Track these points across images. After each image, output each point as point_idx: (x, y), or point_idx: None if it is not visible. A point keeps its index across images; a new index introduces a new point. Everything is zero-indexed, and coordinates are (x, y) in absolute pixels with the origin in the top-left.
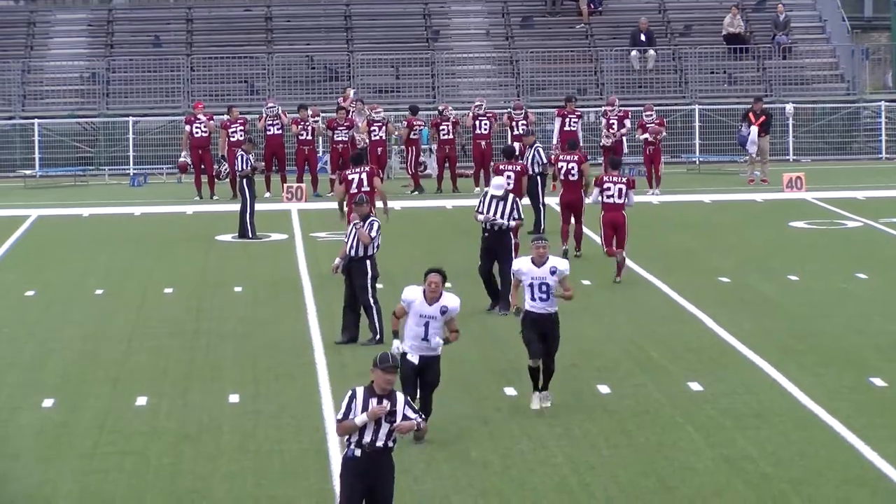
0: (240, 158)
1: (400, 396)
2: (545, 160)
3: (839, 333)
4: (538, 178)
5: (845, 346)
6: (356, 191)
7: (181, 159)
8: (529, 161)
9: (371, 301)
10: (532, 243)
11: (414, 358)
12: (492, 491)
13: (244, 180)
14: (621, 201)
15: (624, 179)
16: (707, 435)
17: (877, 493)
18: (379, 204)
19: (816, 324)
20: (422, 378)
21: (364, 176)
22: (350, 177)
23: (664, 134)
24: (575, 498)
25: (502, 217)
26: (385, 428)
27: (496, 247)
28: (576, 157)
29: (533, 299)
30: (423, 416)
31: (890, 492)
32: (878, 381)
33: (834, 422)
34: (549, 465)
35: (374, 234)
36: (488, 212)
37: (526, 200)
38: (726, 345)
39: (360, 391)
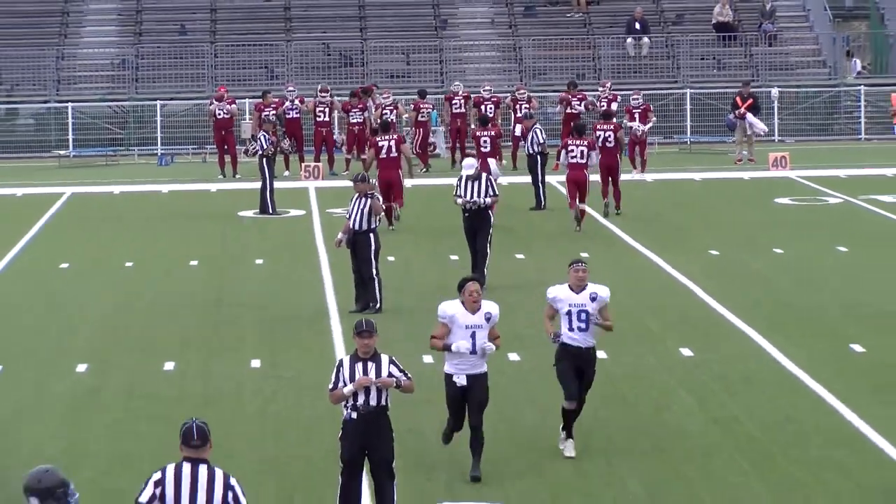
0: (261, 138)
1: (385, 357)
2: (543, 140)
3: (822, 304)
4: (538, 157)
5: (828, 315)
6: (385, 156)
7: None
8: (529, 141)
9: (374, 273)
10: (570, 267)
11: (461, 379)
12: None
13: (265, 159)
14: (584, 161)
15: (586, 142)
16: (699, 399)
17: (857, 451)
18: (405, 165)
19: (801, 295)
20: (470, 397)
21: (392, 143)
22: (380, 143)
23: (650, 124)
24: (576, 459)
25: (478, 196)
26: (374, 389)
27: (477, 224)
28: (612, 126)
29: (571, 329)
30: (408, 376)
31: (869, 451)
32: (858, 348)
33: (817, 387)
34: (549, 427)
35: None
36: (465, 194)
37: (528, 178)
38: (717, 315)
39: (346, 360)
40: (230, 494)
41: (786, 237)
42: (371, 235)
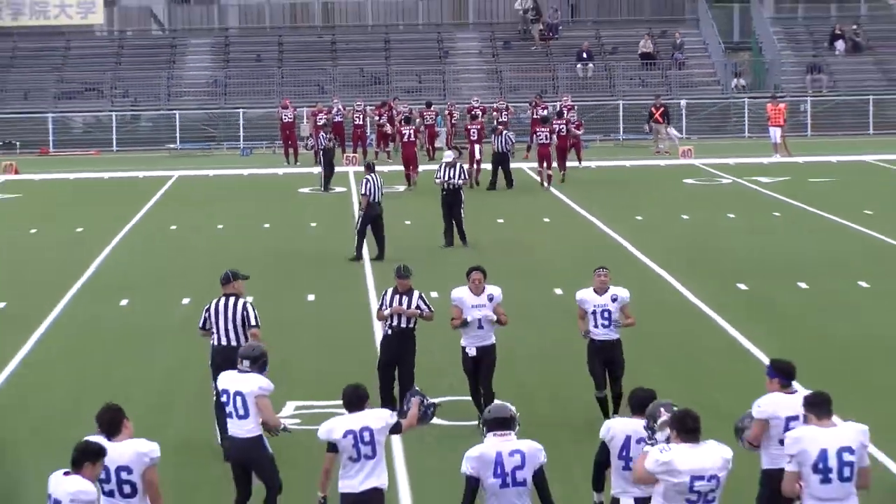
0: (321, 138)
1: (416, 293)
2: (513, 142)
3: (716, 252)
4: (507, 154)
5: (720, 261)
6: (407, 140)
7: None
8: (503, 143)
9: (382, 232)
10: (595, 272)
11: (472, 351)
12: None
13: (322, 151)
14: (546, 142)
15: (547, 129)
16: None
17: (740, 361)
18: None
19: (700, 246)
20: (480, 365)
21: (411, 132)
22: (403, 131)
23: (581, 131)
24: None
25: (454, 178)
26: (404, 316)
27: (452, 200)
28: (547, 128)
29: (596, 326)
30: (431, 308)
31: (751, 362)
32: (742, 286)
33: (712, 314)
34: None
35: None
36: (444, 176)
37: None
38: (638, 260)
39: (389, 291)
40: (243, 312)
41: (691, 207)
42: (379, 206)
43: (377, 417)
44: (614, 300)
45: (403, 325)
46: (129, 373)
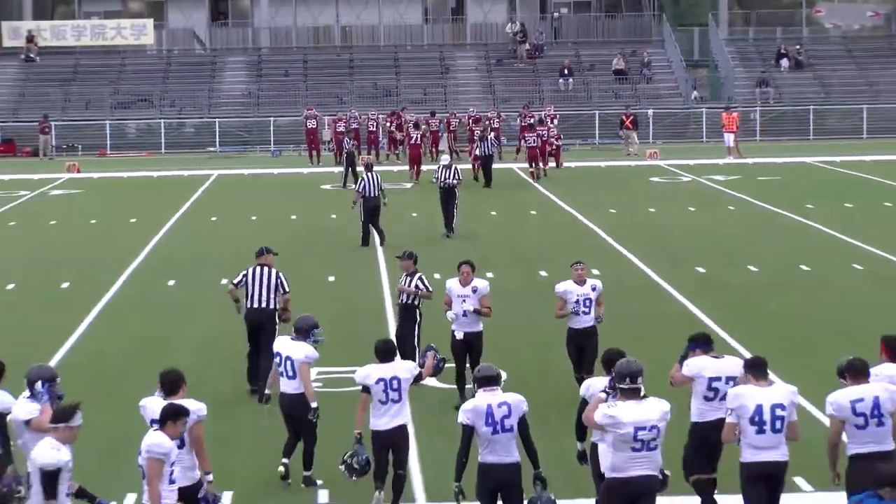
0: (346, 142)
1: (417, 274)
2: (498, 144)
3: (678, 240)
4: (491, 157)
5: (681, 247)
6: (414, 142)
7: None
8: (490, 145)
9: (377, 220)
10: (573, 266)
11: (460, 335)
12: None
13: (346, 154)
14: (535, 144)
15: (536, 133)
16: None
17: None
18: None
19: (664, 235)
20: (470, 351)
21: (418, 135)
22: (412, 134)
23: (561, 141)
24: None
25: (449, 179)
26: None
27: (447, 197)
28: (534, 133)
29: (577, 314)
30: (429, 289)
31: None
32: (700, 269)
33: (674, 291)
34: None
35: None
36: (441, 177)
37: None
38: (611, 247)
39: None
40: (277, 280)
41: (656, 202)
42: (381, 195)
43: (405, 369)
44: (594, 289)
45: (406, 301)
46: (174, 340)
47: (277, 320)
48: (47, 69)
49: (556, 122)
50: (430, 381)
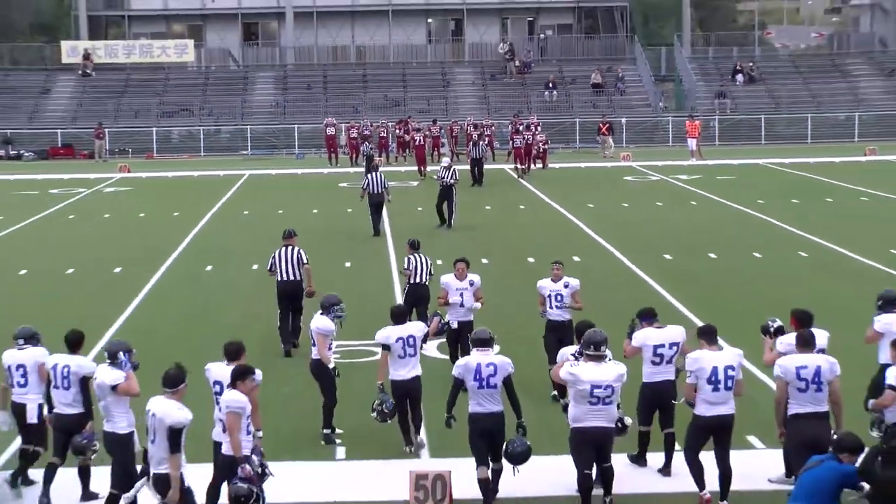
0: (364, 146)
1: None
2: (490, 148)
3: (648, 231)
4: (481, 159)
5: (650, 237)
6: (419, 143)
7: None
8: (482, 150)
9: (380, 214)
10: (552, 266)
11: (454, 324)
12: None
13: (365, 156)
14: (520, 146)
15: (530, 135)
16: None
17: (659, 308)
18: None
19: (635, 226)
20: (460, 337)
21: (421, 137)
22: (416, 136)
23: (548, 145)
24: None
25: (448, 179)
26: (415, 275)
27: (446, 194)
28: (530, 133)
29: (551, 307)
30: (430, 272)
31: (669, 309)
32: (668, 256)
33: (643, 275)
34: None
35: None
36: (441, 176)
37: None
38: (589, 236)
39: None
40: (298, 255)
41: (629, 198)
42: (385, 192)
43: (417, 328)
44: (566, 286)
45: (415, 281)
46: (213, 316)
47: (304, 293)
48: (101, 83)
49: (539, 128)
50: (434, 354)
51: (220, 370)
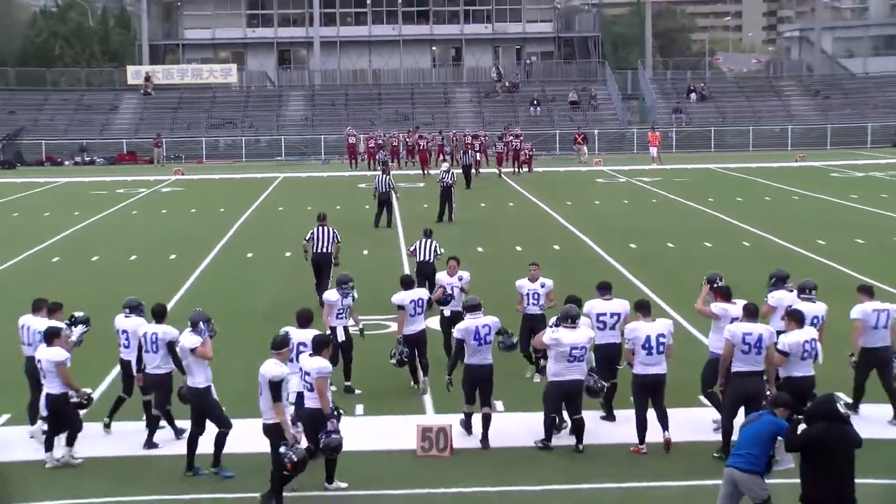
0: (381, 154)
1: (434, 243)
2: (484, 155)
3: (616, 223)
4: (470, 166)
5: (618, 229)
6: (422, 148)
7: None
8: (470, 157)
9: (390, 210)
10: (529, 266)
11: (447, 312)
12: None
13: (381, 163)
14: (501, 150)
15: (516, 144)
16: (557, 271)
17: (623, 287)
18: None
19: (606, 219)
20: (453, 323)
21: (426, 143)
22: (419, 141)
23: (533, 152)
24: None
25: (448, 179)
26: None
27: (446, 194)
28: (503, 143)
29: (528, 305)
30: (437, 254)
31: (632, 289)
32: (633, 245)
33: (612, 261)
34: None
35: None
36: (442, 178)
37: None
38: (567, 229)
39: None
40: (332, 233)
41: (601, 196)
42: (392, 192)
43: (425, 292)
44: (542, 286)
45: (422, 259)
46: (254, 296)
47: (333, 263)
48: (159, 100)
49: (521, 138)
50: (436, 327)
51: (298, 334)
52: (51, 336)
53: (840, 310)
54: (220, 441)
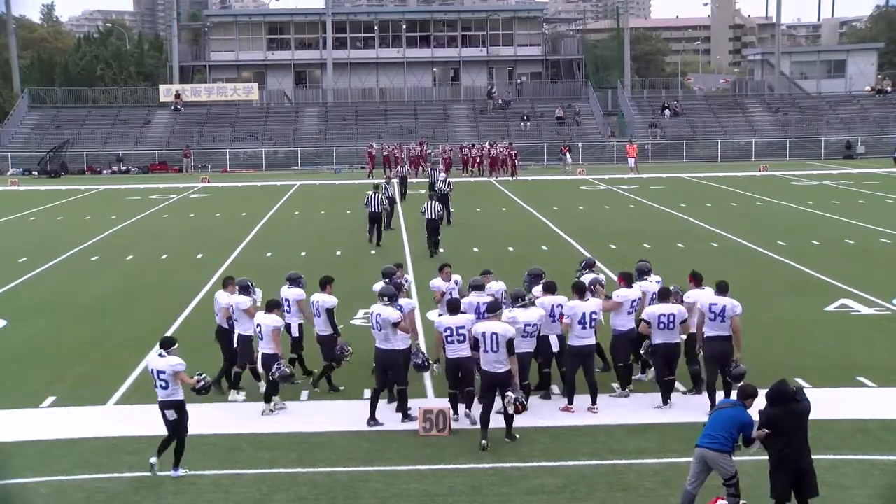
0: (398, 169)
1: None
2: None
3: (598, 227)
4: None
5: (600, 232)
6: (419, 155)
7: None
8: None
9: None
10: (441, 269)
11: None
12: None
13: (399, 177)
14: (492, 156)
15: (506, 151)
16: (541, 258)
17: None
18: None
19: (589, 223)
20: None
21: (428, 152)
22: (421, 146)
23: (517, 158)
24: None
25: (444, 187)
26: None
27: (443, 200)
28: (497, 150)
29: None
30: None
31: (611, 286)
32: (613, 246)
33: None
34: None
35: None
36: (438, 186)
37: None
38: (555, 232)
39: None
40: (386, 196)
41: (584, 202)
42: (398, 199)
43: (471, 319)
44: (462, 290)
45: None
46: (272, 292)
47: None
48: (188, 115)
49: (504, 146)
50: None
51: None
52: (272, 306)
53: (797, 302)
54: (402, 396)
